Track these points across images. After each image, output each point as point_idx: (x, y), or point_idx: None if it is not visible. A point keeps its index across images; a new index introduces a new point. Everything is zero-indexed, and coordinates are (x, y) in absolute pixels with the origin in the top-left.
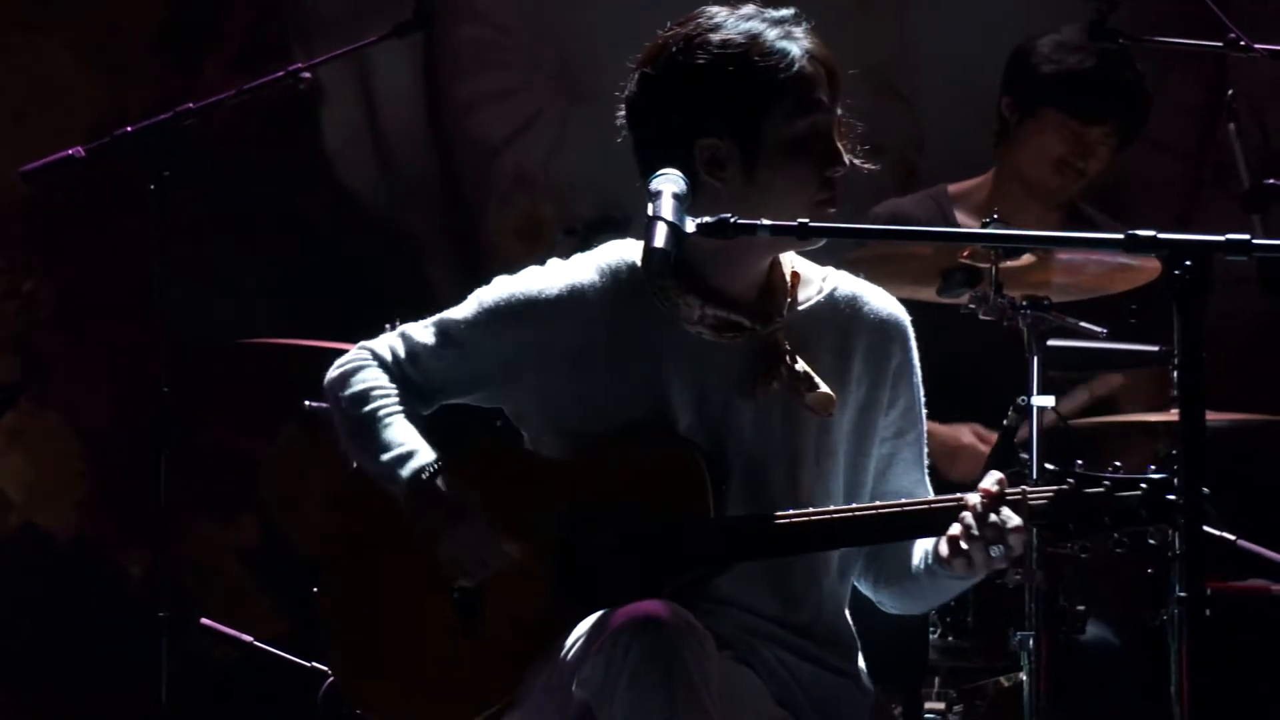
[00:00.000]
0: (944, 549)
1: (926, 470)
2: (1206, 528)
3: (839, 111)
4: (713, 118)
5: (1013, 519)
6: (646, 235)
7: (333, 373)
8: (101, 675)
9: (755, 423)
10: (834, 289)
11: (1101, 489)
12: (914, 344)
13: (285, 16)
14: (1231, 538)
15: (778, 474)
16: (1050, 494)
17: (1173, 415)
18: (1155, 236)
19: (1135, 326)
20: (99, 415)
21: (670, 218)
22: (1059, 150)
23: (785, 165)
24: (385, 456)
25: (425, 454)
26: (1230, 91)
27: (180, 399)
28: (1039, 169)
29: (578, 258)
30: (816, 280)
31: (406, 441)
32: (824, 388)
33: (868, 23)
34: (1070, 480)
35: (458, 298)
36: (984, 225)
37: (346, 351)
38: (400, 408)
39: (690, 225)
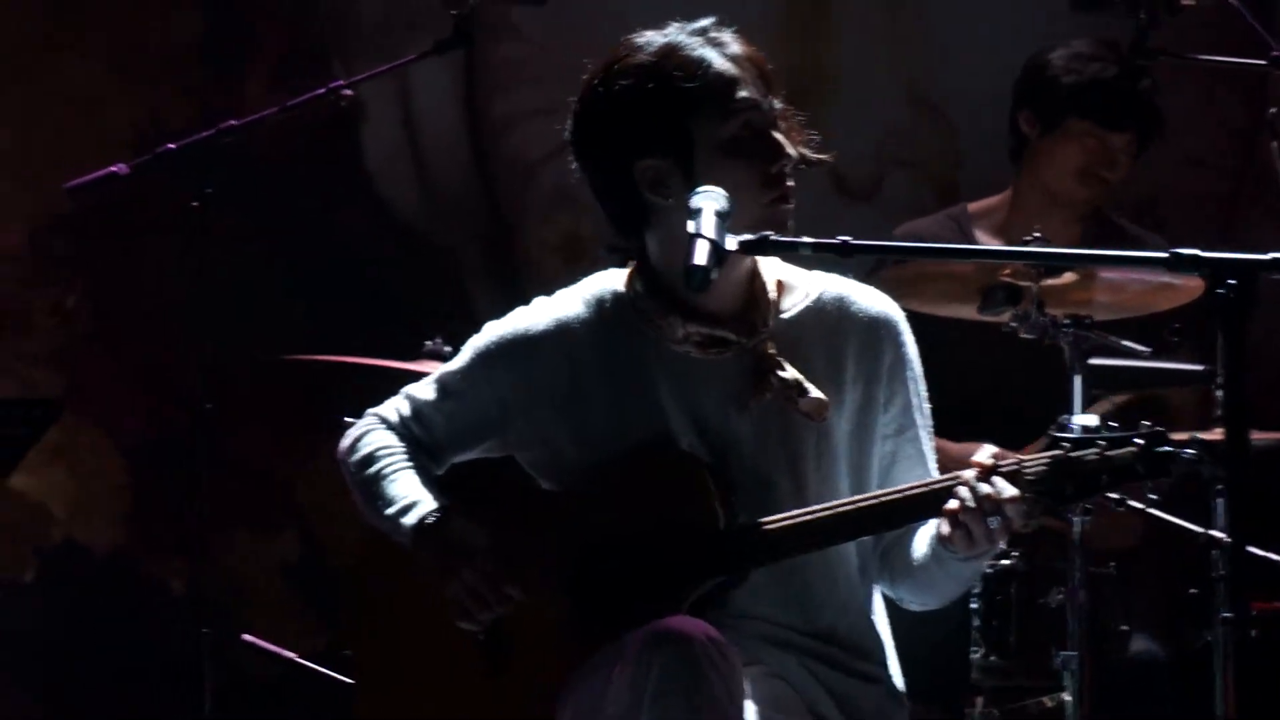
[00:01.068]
0: (944, 527)
1: (935, 466)
2: (1251, 548)
3: (776, 106)
4: (644, 139)
5: (1008, 489)
6: (687, 253)
7: (344, 442)
8: (144, 691)
9: (754, 434)
10: (821, 293)
11: (1095, 450)
12: (908, 340)
13: (325, 32)
14: (1277, 558)
15: (782, 482)
16: (1046, 460)
17: (1217, 434)
18: (1199, 255)
19: (1178, 345)
20: (139, 430)
21: (712, 235)
22: (1083, 160)
23: (724, 170)
24: (390, 510)
25: (428, 502)
26: (1272, 110)
27: (220, 414)
28: (1064, 181)
29: (562, 292)
30: (803, 286)
31: (410, 493)
32: (815, 393)
33: (903, 43)
34: (1064, 445)
35: (497, 314)
36: (1026, 243)
37: (385, 369)
38: (408, 463)
39: (731, 243)
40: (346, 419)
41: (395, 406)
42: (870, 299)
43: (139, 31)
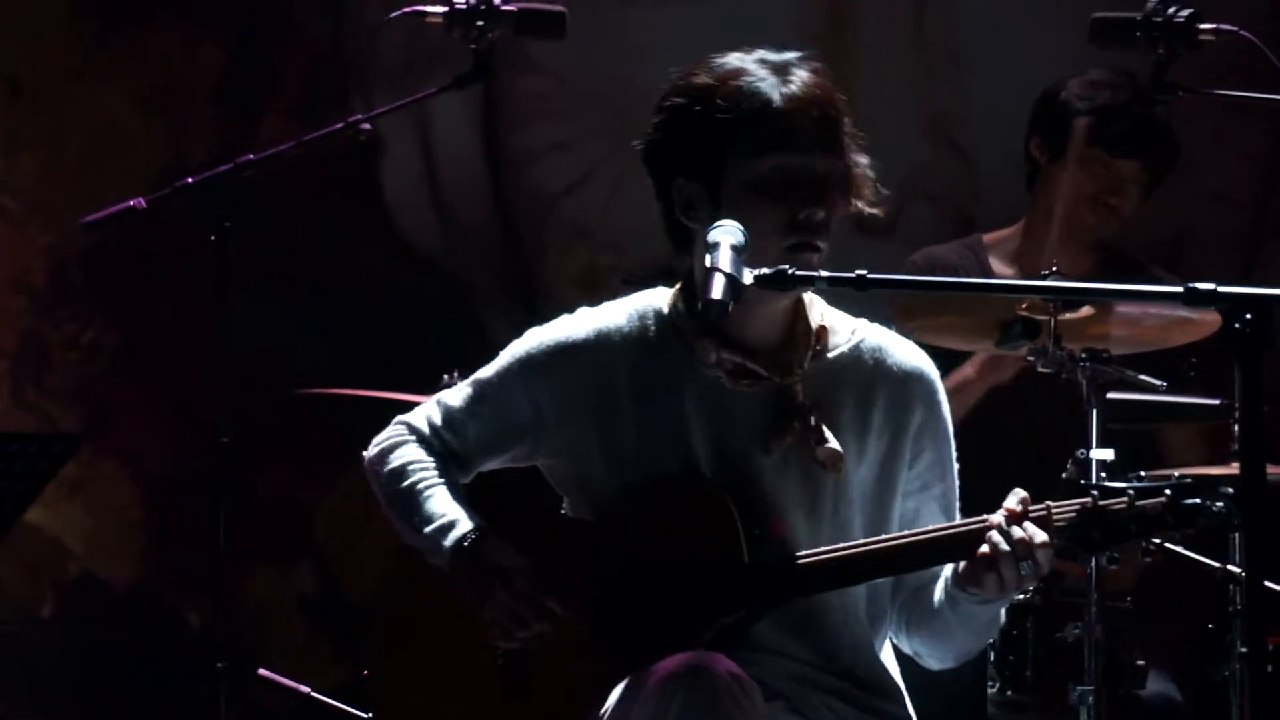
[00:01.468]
0: (975, 569)
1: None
2: (1268, 583)
3: (833, 158)
4: (681, 159)
5: (1039, 534)
6: (704, 287)
7: (371, 451)
8: None
9: (773, 472)
10: (861, 340)
11: (1124, 499)
12: (941, 398)
13: (344, 67)
14: None
15: (797, 523)
16: (1075, 508)
17: (1233, 469)
18: (1215, 290)
19: (1195, 379)
20: (158, 464)
21: (728, 269)
22: (1092, 187)
23: (747, 207)
24: (428, 529)
25: (465, 522)
26: None
27: (239, 448)
28: (1074, 207)
29: (607, 304)
30: (845, 330)
31: (447, 512)
32: (834, 443)
33: (927, 79)
34: (1093, 493)
35: None
36: (1044, 277)
37: (404, 402)
38: (440, 479)
39: (748, 276)
40: (364, 453)
41: (426, 414)
42: (907, 353)
43: (162, 67)
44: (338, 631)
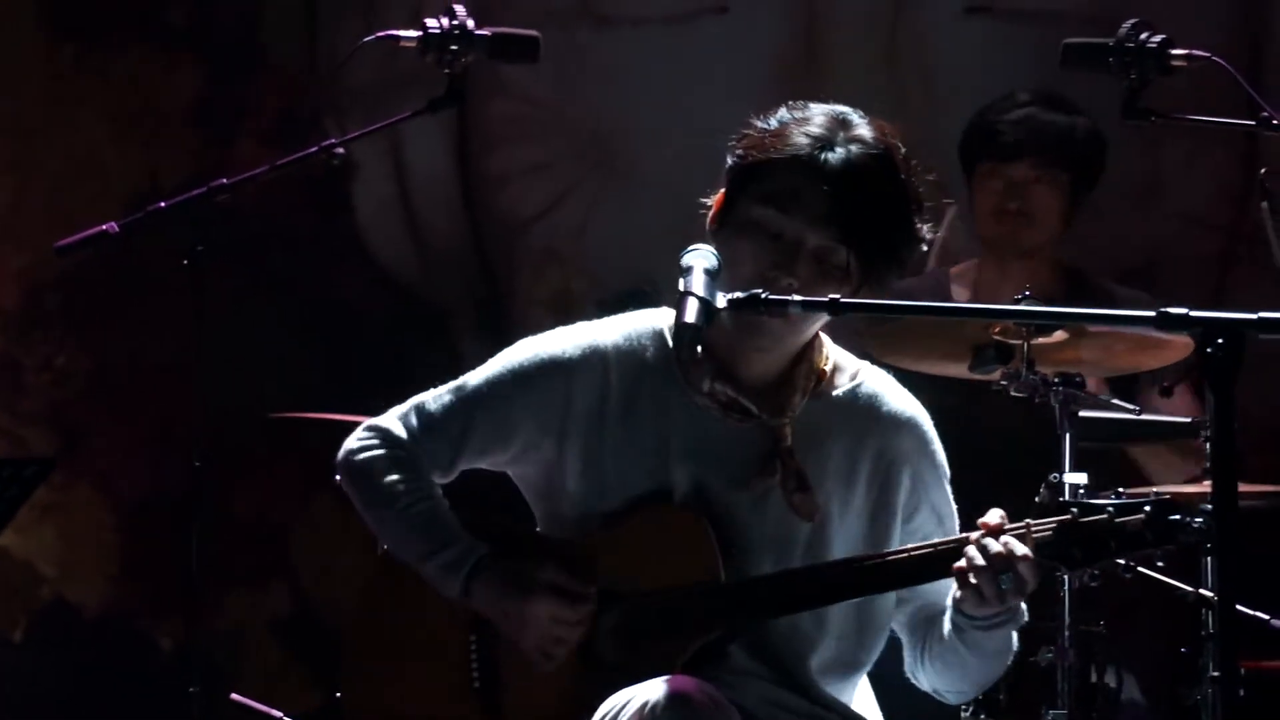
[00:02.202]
0: (955, 588)
1: None
2: (1240, 607)
3: (831, 238)
4: (726, 171)
5: (1019, 547)
6: (678, 310)
7: (344, 459)
8: None
9: (749, 512)
10: (859, 384)
11: (1104, 516)
12: (935, 446)
13: (318, 91)
14: (1265, 617)
15: (765, 566)
16: (1054, 525)
17: (1205, 487)
18: (1187, 314)
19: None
20: (131, 488)
21: (701, 293)
22: (993, 200)
23: (733, 243)
24: (434, 563)
25: (468, 551)
26: (1263, 170)
27: (213, 472)
28: (984, 224)
29: (605, 321)
30: (849, 373)
31: (448, 541)
32: (812, 492)
33: (899, 107)
34: (1073, 510)
35: None
36: (1017, 301)
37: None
38: (427, 500)
39: (721, 300)
40: (338, 476)
41: (401, 420)
42: (901, 402)
43: (137, 92)
44: (312, 655)
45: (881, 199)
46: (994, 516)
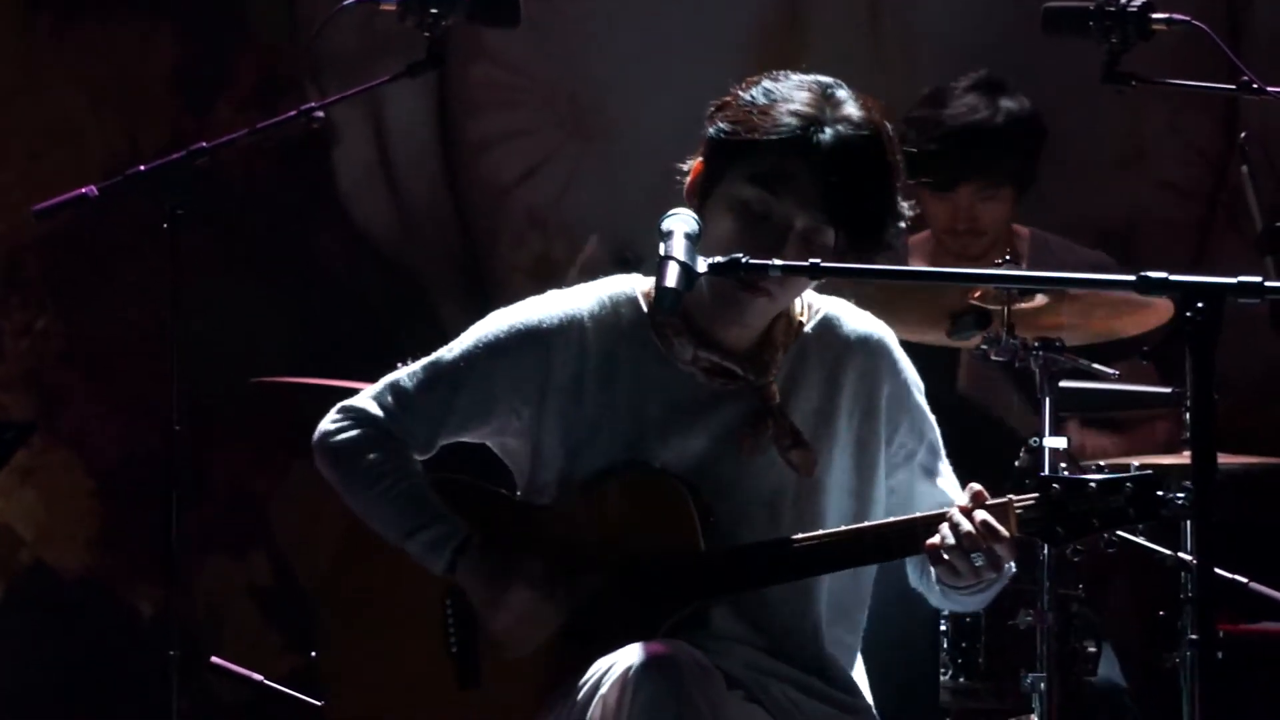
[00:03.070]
0: (929, 561)
1: (952, 484)
2: (1219, 570)
3: (819, 220)
4: (709, 141)
5: (994, 526)
6: (658, 274)
7: (320, 442)
8: (111, 715)
9: (739, 473)
10: (818, 316)
11: (1087, 491)
12: (904, 364)
13: (298, 56)
14: (1243, 580)
15: (758, 525)
16: (1036, 500)
17: (1184, 457)
18: (1167, 278)
19: (1147, 366)
20: (110, 453)
21: (682, 257)
22: (940, 219)
23: (720, 219)
24: (418, 542)
25: (452, 531)
26: (1243, 134)
27: (192, 437)
28: (940, 238)
29: (579, 287)
30: (811, 308)
31: (431, 519)
32: (808, 447)
33: (880, 73)
34: (1055, 485)
35: None
36: (997, 265)
37: (357, 390)
38: (408, 478)
39: (702, 265)
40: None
41: (376, 400)
42: (863, 324)
43: (114, 58)
44: (291, 620)
45: (869, 180)
46: (967, 495)
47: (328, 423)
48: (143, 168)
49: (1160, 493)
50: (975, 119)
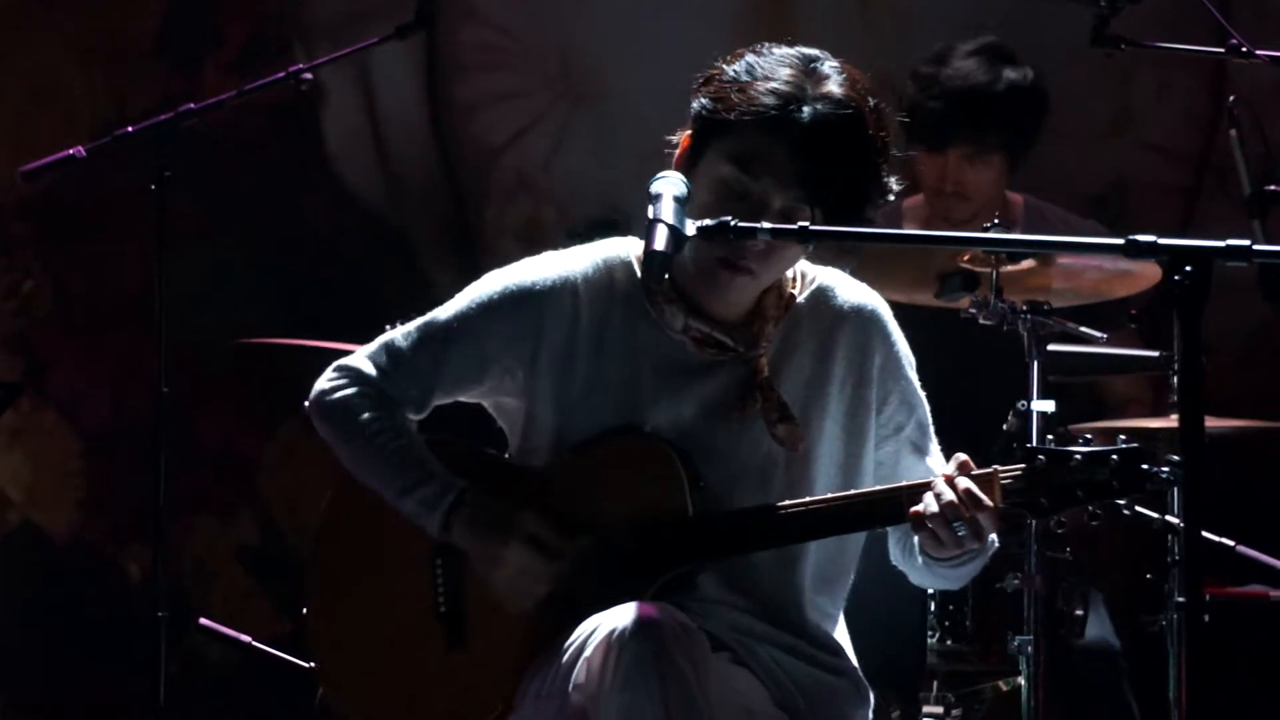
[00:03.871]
0: (913, 531)
1: (939, 457)
2: (1205, 533)
3: (798, 199)
4: (695, 113)
5: (976, 497)
6: (646, 237)
7: (316, 400)
8: (99, 676)
9: (727, 445)
10: (813, 286)
11: (1071, 464)
12: (896, 335)
13: (287, 18)
14: (1230, 543)
15: (749, 489)
16: (1020, 471)
17: (1172, 421)
18: (1155, 242)
19: (1136, 331)
20: (98, 414)
21: (670, 220)
22: (928, 179)
23: (703, 194)
24: (413, 499)
25: (448, 486)
26: (1231, 98)
27: (179, 398)
28: (929, 200)
29: (574, 249)
30: (806, 279)
31: (427, 476)
32: (794, 422)
33: (869, 38)
34: (1041, 457)
35: None
36: (986, 229)
37: (345, 352)
38: (402, 436)
39: (690, 228)
40: (305, 403)
41: (371, 359)
42: (857, 295)
43: (102, 19)
44: (279, 581)
45: (849, 158)
46: (953, 464)
47: (324, 381)
48: (131, 129)
49: (1145, 466)
50: (973, 83)
